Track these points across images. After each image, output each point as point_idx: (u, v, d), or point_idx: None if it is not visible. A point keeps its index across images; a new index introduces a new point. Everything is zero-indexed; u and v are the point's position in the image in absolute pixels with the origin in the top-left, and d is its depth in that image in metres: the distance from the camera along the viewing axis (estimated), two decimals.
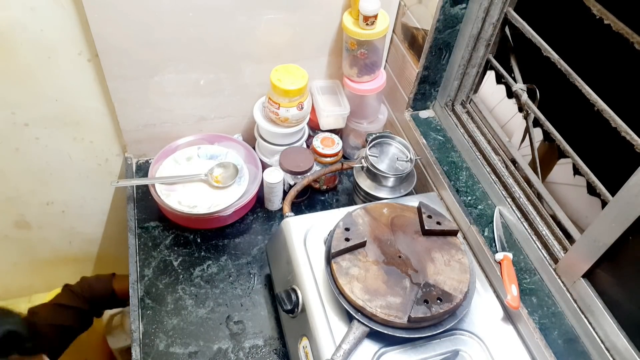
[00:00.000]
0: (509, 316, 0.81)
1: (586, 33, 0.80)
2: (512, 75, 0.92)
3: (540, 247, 0.84)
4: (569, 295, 0.77)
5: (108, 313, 1.51)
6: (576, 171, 0.80)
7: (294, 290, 0.82)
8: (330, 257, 0.77)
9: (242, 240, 1.08)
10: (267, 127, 1.09)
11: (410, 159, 1.01)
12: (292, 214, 0.93)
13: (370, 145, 1.03)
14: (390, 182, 1.01)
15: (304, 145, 1.17)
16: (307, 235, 0.87)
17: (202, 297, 0.98)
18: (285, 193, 1.05)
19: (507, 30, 0.92)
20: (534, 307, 0.80)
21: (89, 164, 1.22)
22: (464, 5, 0.93)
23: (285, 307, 0.81)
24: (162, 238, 1.06)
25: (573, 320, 0.77)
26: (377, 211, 0.85)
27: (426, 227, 0.82)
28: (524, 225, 0.87)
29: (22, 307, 1.38)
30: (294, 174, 1.07)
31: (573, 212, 0.93)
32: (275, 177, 1.06)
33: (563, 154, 0.79)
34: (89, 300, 1.09)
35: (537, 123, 0.86)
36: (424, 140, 1.07)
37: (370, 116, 1.20)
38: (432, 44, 0.99)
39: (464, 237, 0.94)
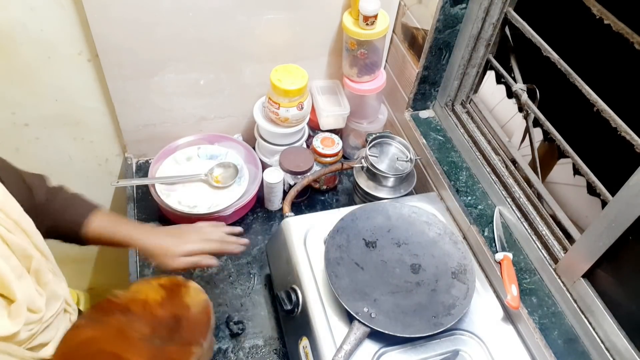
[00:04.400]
0: (509, 316, 0.81)
1: (586, 33, 0.80)
2: (512, 75, 0.92)
3: (540, 247, 0.84)
4: (569, 295, 0.77)
5: None
6: (576, 171, 0.80)
7: (294, 290, 0.81)
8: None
9: None
10: (267, 127, 1.09)
11: (410, 159, 1.01)
12: (292, 214, 0.93)
13: (370, 145, 1.03)
14: (390, 182, 1.00)
15: (304, 145, 1.17)
16: (307, 235, 0.87)
17: None
18: (285, 193, 1.04)
19: (507, 30, 0.92)
20: (534, 307, 0.80)
21: (89, 164, 1.22)
22: (464, 5, 0.93)
23: (285, 307, 0.81)
24: None
25: (573, 320, 0.77)
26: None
27: None
28: (524, 225, 0.87)
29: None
30: (294, 174, 1.07)
31: (573, 212, 0.93)
32: (275, 177, 1.06)
33: (563, 154, 0.79)
34: None
35: (537, 123, 0.86)
36: (424, 140, 1.07)
37: (370, 116, 1.20)
38: (432, 44, 0.99)
39: (464, 237, 0.94)
